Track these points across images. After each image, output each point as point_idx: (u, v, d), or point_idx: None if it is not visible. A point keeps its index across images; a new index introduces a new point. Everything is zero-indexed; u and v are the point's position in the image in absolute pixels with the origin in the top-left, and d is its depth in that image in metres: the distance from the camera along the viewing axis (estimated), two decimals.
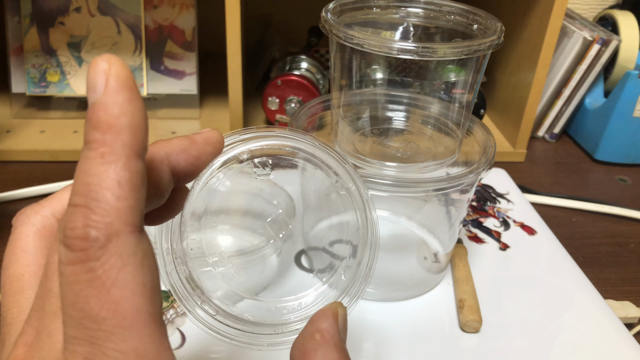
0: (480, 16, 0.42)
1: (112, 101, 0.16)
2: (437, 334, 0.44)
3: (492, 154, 0.43)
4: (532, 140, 0.83)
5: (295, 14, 0.96)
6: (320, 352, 0.22)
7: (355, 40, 0.37)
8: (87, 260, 0.16)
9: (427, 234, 0.53)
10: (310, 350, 0.22)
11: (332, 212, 0.51)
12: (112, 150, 0.16)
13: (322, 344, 0.23)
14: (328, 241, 0.49)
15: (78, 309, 0.16)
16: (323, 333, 0.23)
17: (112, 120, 0.16)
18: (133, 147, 0.16)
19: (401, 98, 0.47)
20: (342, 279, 0.29)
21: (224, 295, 0.27)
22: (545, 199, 0.67)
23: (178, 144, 0.21)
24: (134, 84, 0.17)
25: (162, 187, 0.21)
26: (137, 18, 0.76)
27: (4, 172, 0.67)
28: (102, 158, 0.16)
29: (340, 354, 0.22)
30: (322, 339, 0.23)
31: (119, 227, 0.16)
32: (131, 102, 0.17)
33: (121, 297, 0.16)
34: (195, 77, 0.79)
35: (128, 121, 0.16)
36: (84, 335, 0.16)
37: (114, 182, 0.16)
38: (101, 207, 0.16)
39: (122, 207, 0.16)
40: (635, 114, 0.74)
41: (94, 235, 0.16)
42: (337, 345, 0.23)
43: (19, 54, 0.75)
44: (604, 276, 0.56)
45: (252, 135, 0.28)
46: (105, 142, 0.16)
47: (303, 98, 0.74)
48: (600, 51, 0.76)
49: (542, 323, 0.46)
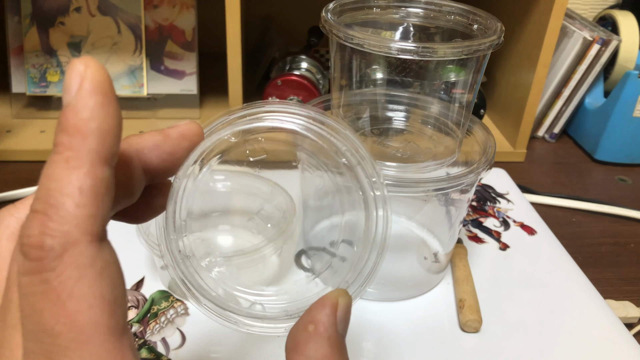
0: (480, 16, 0.42)
1: (83, 104, 0.16)
2: (437, 334, 0.44)
3: (492, 154, 0.43)
4: (532, 140, 0.83)
5: (295, 14, 0.96)
6: (311, 345, 0.20)
7: (356, 40, 0.37)
8: (42, 271, 0.15)
9: (427, 234, 0.53)
10: (301, 342, 0.20)
11: (332, 212, 0.51)
12: (77, 155, 0.15)
13: (314, 336, 0.20)
14: (328, 241, 0.49)
15: (34, 322, 0.15)
16: (317, 325, 0.21)
17: (80, 124, 0.16)
18: (100, 153, 0.16)
19: (401, 98, 0.47)
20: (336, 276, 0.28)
21: (224, 295, 0.27)
22: (545, 199, 0.67)
23: (150, 140, 0.20)
24: (109, 88, 0.16)
25: (131, 185, 0.20)
26: (137, 18, 0.76)
27: (4, 172, 0.68)
28: (66, 163, 0.15)
29: (333, 348, 0.20)
30: (315, 332, 0.20)
31: (76, 236, 0.15)
32: (103, 107, 0.16)
33: (77, 310, 0.15)
34: (195, 77, 0.79)
35: (96, 126, 0.16)
36: (40, 349, 0.15)
37: (75, 189, 0.15)
38: (59, 215, 0.15)
39: (82, 215, 0.15)
40: (635, 114, 0.74)
41: (49, 244, 0.15)
42: (330, 339, 0.20)
43: (19, 54, 0.75)
44: (604, 276, 0.56)
45: (241, 114, 0.25)
46: (71, 146, 0.15)
47: (303, 98, 0.74)
48: (600, 51, 0.76)
49: (542, 323, 0.46)
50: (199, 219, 0.33)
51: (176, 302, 0.46)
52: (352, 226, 0.31)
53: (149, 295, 0.46)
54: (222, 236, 0.48)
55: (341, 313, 0.21)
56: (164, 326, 0.44)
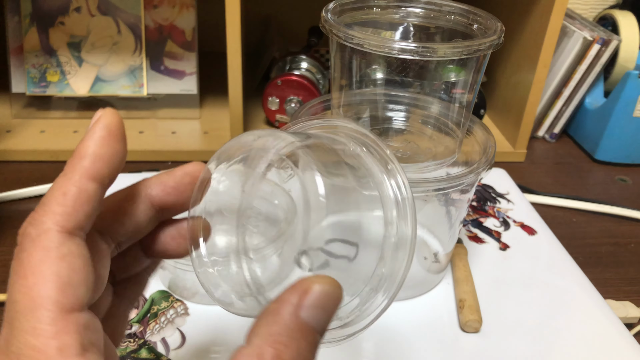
0: (480, 16, 0.42)
1: (88, 136, 0.20)
2: (437, 334, 0.44)
3: (492, 154, 0.43)
4: (532, 140, 0.83)
5: (295, 14, 0.96)
6: (265, 321, 0.19)
7: (356, 40, 0.37)
8: (20, 252, 0.19)
9: (427, 234, 0.53)
10: (259, 319, 0.19)
11: (332, 212, 0.50)
12: (70, 170, 0.20)
13: (272, 314, 0.19)
14: (327, 241, 0.49)
15: (8, 295, 0.19)
16: (280, 304, 0.19)
17: (81, 149, 0.20)
18: (89, 170, 0.20)
19: (401, 98, 0.47)
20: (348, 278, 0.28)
21: (223, 295, 0.27)
22: (545, 199, 0.67)
23: (156, 177, 0.24)
24: (116, 130, 0.21)
25: (137, 215, 0.23)
26: (137, 18, 0.76)
27: (4, 172, 0.68)
28: (63, 175, 0.20)
29: (288, 331, 0.18)
30: (274, 310, 0.19)
31: (49, 226, 0.19)
32: (103, 139, 0.20)
33: (34, 283, 0.18)
34: (195, 77, 0.79)
35: (92, 151, 0.20)
36: (7, 316, 0.18)
37: (60, 192, 0.19)
38: (43, 210, 0.19)
39: (59, 212, 0.19)
40: (636, 114, 0.74)
41: (28, 231, 0.19)
42: (287, 321, 0.19)
43: (19, 53, 0.75)
44: (604, 276, 0.56)
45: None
46: (71, 163, 0.20)
47: (303, 98, 0.74)
48: (600, 51, 0.76)
49: (542, 323, 0.46)
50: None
51: (176, 302, 0.46)
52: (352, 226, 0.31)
53: (148, 295, 0.46)
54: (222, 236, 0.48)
55: (312, 299, 0.19)
56: (163, 326, 0.44)
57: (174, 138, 0.75)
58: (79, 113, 0.78)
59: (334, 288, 0.21)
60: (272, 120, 0.77)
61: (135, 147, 0.72)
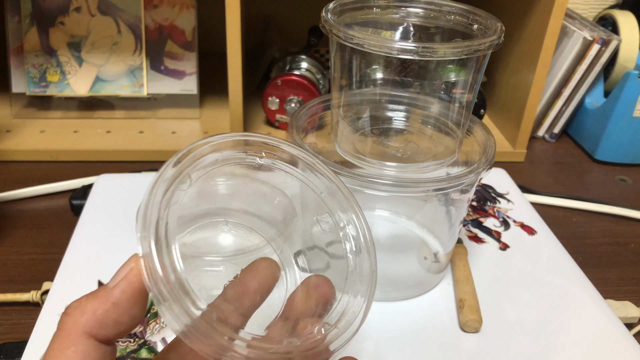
0: (480, 16, 0.42)
1: (113, 283, 0.22)
2: (437, 334, 0.44)
3: (492, 154, 0.43)
4: (532, 140, 0.83)
5: (295, 14, 0.96)
6: None
7: (356, 40, 0.37)
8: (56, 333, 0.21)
9: (427, 234, 0.53)
10: None
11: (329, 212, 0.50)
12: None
13: None
14: (326, 241, 0.49)
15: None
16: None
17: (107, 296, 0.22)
18: (97, 322, 0.21)
19: (401, 98, 0.47)
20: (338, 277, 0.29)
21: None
22: (545, 199, 0.67)
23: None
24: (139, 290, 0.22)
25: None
26: (137, 18, 0.76)
27: (4, 172, 0.68)
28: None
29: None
30: None
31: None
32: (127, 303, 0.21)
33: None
34: (195, 77, 0.79)
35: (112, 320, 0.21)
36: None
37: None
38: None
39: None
40: (635, 114, 0.74)
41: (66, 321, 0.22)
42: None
43: (19, 53, 0.75)
44: (604, 276, 0.56)
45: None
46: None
47: (303, 98, 0.74)
48: (600, 51, 0.76)
49: (542, 323, 0.46)
50: (199, 219, 0.33)
51: None
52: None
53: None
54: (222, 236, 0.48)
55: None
56: (163, 326, 0.44)
57: (174, 138, 0.75)
58: (79, 113, 0.78)
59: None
60: (272, 120, 0.77)
61: (135, 147, 0.72)
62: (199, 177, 0.26)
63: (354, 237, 0.30)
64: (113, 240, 0.51)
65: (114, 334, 0.21)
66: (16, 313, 0.47)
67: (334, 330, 0.26)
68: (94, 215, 0.55)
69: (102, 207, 0.56)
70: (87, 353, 0.21)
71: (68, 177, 0.65)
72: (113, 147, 0.72)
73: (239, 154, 0.29)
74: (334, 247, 0.33)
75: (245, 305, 0.27)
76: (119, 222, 0.54)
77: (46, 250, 0.54)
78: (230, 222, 0.37)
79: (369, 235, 0.30)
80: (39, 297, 0.48)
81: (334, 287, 0.28)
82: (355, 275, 0.29)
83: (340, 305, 0.27)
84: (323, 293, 0.27)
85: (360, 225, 0.31)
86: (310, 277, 0.28)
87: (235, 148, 0.28)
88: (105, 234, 0.52)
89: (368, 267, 0.29)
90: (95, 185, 0.60)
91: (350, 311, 0.27)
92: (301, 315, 0.27)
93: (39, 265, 0.53)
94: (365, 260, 0.29)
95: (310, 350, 0.24)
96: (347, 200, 0.31)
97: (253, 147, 0.29)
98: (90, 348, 0.21)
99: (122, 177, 0.62)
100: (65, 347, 0.21)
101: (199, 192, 0.27)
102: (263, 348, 0.22)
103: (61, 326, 0.21)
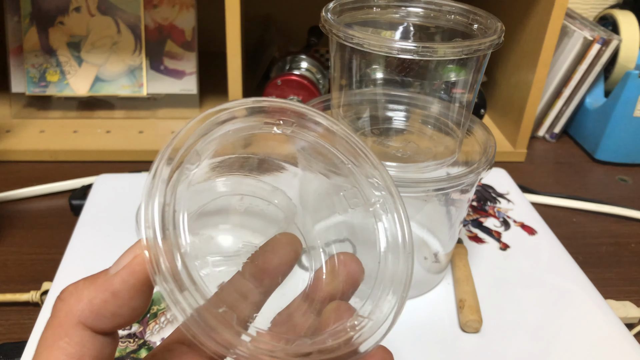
0: (480, 16, 0.42)
1: (114, 270, 0.20)
2: (437, 334, 0.44)
3: (492, 154, 0.43)
4: (532, 140, 0.83)
5: (295, 14, 0.96)
6: None
7: (355, 40, 0.37)
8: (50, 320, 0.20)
9: (427, 234, 0.53)
10: None
11: (332, 212, 0.50)
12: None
13: None
14: (326, 241, 0.49)
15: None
16: None
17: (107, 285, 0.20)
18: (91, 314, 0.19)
19: (401, 98, 0.47)
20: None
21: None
22: (546, 199, 0.67)
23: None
24: (140, 271, 0.19)
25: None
26: (137, 18, 0.76)
27: (4, 172, 0.67)
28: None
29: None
30: None
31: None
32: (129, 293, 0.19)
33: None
34: (195, 77, 0.79)
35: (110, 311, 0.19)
36: None
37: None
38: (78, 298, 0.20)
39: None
40: (636, 114, 0.74)
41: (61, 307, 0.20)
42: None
43: (18, 53, 0.75)
44: (604, 276, 0.56)
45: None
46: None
47: (303, 98, 0.74)
48: (600, 51, 0.76)
49: (542, 323, 0.46)
50: (199, 218, 0.33)
51: None
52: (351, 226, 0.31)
53: None
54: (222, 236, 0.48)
55: None
56: (163, 326, 0.44)
57: None
58: (78, 113, 0.78)
59: None
60: None
61: (135, 147, 0.72)
62: (208, 153, 0.24)
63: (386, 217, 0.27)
64: (113, 240, 0.51)
65: (111, 326, 0.19)
66: (15, 313, 0.47)
67: (368, 324, 0.23)
68: (94, 216, 0.55)
69: (101, 207, 0.56)
70: (83, 344, 0.19)
71: (68, 177, 0.65)
72: (113, 147, 0.72)
73: (254, 123, 0.26)
74: (334, 247, 0.33)
75: (265, 283, 0.25)
76: (119, 222, 0.54)
77: (46, 251, 0.54)
78: (246, 197, 0.35)
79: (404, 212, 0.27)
80: (38, 297, 0.48)
81: (363, 266, 0.25)
82: (386, 270, 0.26)
83: (370, 298, 0.25)
84: (350, 271, 0.25)
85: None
86: (338, 254, 0.26)
87: (250, 117, 0.25)
88: (104, 234, 0.52)
89: (404, 263, 0.27)
90: (94, 185, 0.60)
91: (379, 307, 0.24)
92: (327, 298, 0.25)
93: (38, 266, 0.52)
94: (400, 253, 0.27)
95: (333, 352, 0.21)
96: (376, 169, 0.28)
97: (269, 116, 0.26)
98: (86, 339, 0.19)
99: (121, 177, 0.62)
100: (59, 337, 0.19)
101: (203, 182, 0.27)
102: (273, 348, 0.20)
103: (55, 313, 0.20)
